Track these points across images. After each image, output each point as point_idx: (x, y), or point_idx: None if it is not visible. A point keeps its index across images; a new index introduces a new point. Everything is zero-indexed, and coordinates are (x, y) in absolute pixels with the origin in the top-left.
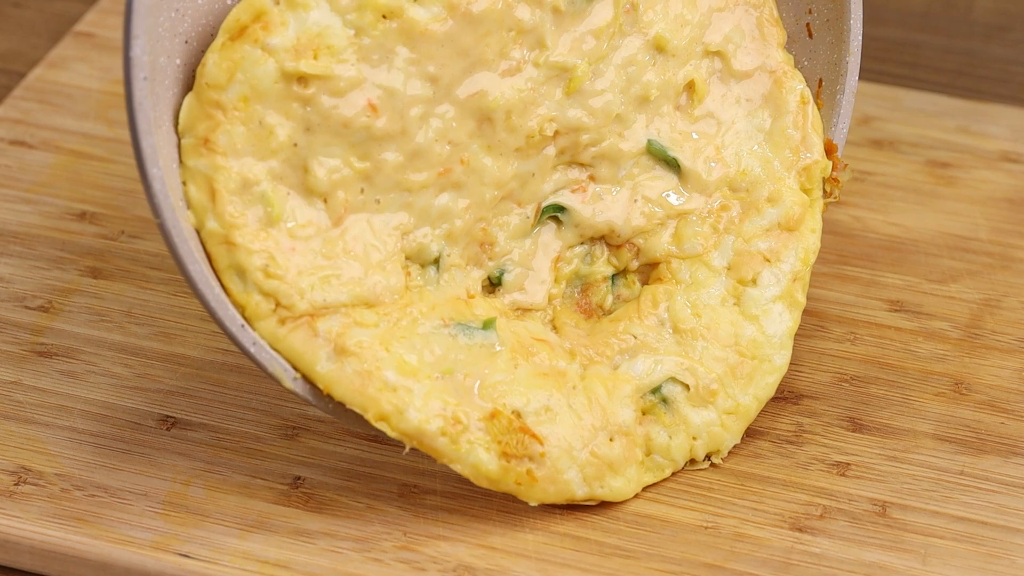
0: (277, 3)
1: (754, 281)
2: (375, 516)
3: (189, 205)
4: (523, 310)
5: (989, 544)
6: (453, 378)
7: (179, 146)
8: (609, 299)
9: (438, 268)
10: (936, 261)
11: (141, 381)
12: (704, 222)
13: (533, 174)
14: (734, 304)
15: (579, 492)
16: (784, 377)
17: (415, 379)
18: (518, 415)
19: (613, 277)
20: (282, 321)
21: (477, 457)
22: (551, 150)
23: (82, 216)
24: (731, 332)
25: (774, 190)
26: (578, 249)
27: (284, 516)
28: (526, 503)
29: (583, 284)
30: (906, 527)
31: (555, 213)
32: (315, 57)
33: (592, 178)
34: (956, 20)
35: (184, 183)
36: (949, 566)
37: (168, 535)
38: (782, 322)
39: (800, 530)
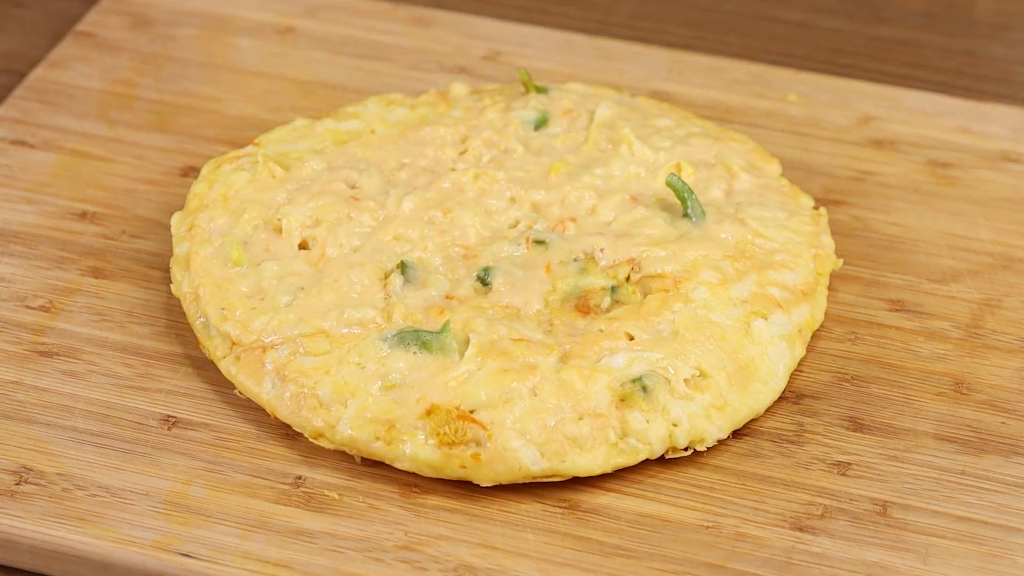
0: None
1: (765, 316)
2: (376, 516)
3: (173, 281)
4: (516, 310)
5: (990, 544)
6: (398, 390)
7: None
8: (607, 301)
9: (404, 275)
10: (937, 261)
11: (142, 381)
12: (728, 260)
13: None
14: (742, 329)
15: (535, 468)
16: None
17: (351, 396)
18: (456, 408)
19: (613, 288)
20: (237, 358)
21: (416, 451)
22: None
23: (83, 216)
24: (735, 347)
25: (792, 260)
26: (572, 266)
27: (285, 516)
28: (528, 505)
29: (582, 291)
30: (907, 527)
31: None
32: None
33: (573, 220)
34: (957, 20)
35: (171, 268)
36: (950, 566)
37: (169, 535)
38: (783, 356)
39: (801, 530)
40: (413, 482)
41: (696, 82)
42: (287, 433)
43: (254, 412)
